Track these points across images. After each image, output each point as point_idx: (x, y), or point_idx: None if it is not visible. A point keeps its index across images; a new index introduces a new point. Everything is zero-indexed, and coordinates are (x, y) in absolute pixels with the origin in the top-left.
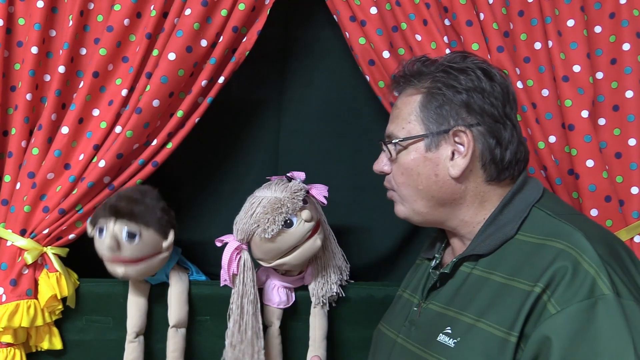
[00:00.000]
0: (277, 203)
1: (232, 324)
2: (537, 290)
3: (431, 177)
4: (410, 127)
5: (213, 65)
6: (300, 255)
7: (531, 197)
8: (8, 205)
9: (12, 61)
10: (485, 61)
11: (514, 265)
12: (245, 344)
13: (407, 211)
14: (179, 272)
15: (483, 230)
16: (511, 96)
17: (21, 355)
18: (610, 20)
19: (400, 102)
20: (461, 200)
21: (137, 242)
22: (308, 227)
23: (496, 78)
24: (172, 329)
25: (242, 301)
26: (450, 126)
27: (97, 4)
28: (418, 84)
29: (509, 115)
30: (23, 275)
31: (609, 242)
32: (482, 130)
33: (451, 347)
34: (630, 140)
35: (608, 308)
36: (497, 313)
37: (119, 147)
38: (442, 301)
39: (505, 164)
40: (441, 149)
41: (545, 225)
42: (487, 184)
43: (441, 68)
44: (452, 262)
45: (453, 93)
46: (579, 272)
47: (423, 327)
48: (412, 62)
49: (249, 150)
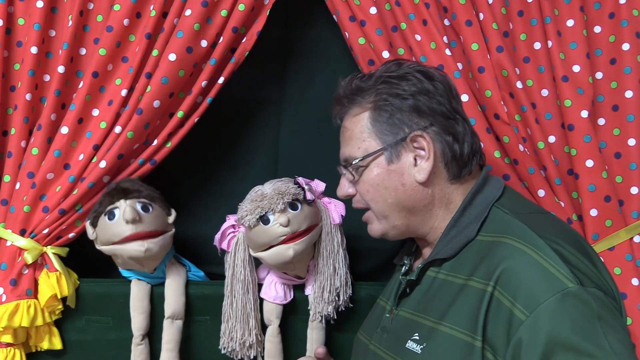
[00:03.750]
0: (260, 197)
1: (224, 300)
2: (489, 289)
3: (399, 188)
4: (366, 144)
5: (213, 66)
6: (272, 256)
7: (490, 197)
8: (8, 205)
9: (11, 61)
10: (420, 63)
11: (473, 265)
12: (234, 321)
13: (382, 228)
14: (176, 265)
15: (446, 234)
16: (453, 91)
17: (21, 355)
18: (609, 20)
19: (348, 123)
20: (430, 206)
21: (152, 212)
22: (281, 231)
23: (435, 77)
24: (168, 320)
25: (232, 280)
26: (406, 133)
27: (96, 4)
28: (362, 101)
29: (457, 109)
30: (23, 275)
31: (567, 237)
32: (437, 129)
33: (418, 354)
34: (629, 140)
35: (576, 299)
36: (455, 314)
37: (120, 147)
38: (412, 307)
39: (465, 159)
40: (403, 158)
41: (501, 224)
42: (451, 184)
43: (381, 80)
44: (418, 267)
45: (400, 100)
46: (537, 270)
47: (394, 333)
48: (349, 80)
49: (249, 150)
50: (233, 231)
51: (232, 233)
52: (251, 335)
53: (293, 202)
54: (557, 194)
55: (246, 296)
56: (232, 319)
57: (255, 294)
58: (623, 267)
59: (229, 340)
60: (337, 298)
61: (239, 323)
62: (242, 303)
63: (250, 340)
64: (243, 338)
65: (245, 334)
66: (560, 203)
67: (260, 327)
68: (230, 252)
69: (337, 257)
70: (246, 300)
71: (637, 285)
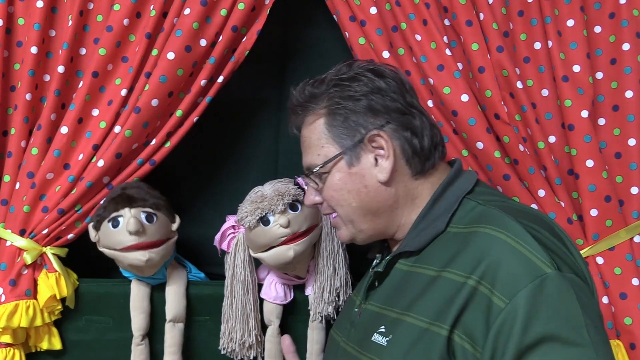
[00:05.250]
0: (260, 198)
1: (224, 300)
2: (471, 282)
3: (362, 190)
4: (325, 150)
5: (212, 65)
6: (272, 257)
7: (462, 189)
8: (7, 205)
9: (11, 61)
10: (371, 61)
11: (446, 257)
12: (234, 321)
13: (349, 233)
14: (177, 268)
15: (415, 227)
16: (407, 85)
17: (20, 356)
18: (610, 20)
19: (305, 131)
20: (395, 205)
21: (156, 222)
22: (281, 232)
23: (386, 74)
24: (169, 323)
25: (232, 281)
26: (363, 134)
27: (96, 4)
28: (316, 107)
29: (412, 104)
30: (22, 276)
31: (541, 221)
32: (394, 126)
33: (384, 346)
34: (630, 140)
35: (554, 284)
36: (423, 305)
37: (118, 146)
38: (379, 301)
39: (426, 152)
40: (363, 160)
41: (473, 214)
42: (415, 180)
43: (332, 83)
44: (386, 260)
45: (353, 102)
46: (515, 256)
47: (361, 327)
48: (301, 88)
49: (249, 150)
50: (233, 232)
51: (232, 234)
52: (251, 335)
53: (293, 203)
54: (557, 194)
55: (246, 297)
56: (231, 319)
57: (255, 294)
58: (623, 267)
59: (228, 341)
60: (337, 298)
61: (239, 324)
62: (242, 304)
63: (250, 341)
64: (243, 339)
65: (245, 335)
66: (561, 203)
67: (260, 327)
68: (230, 252)
69: (337, 257)
70: (246, 300)
71: (637, 285)
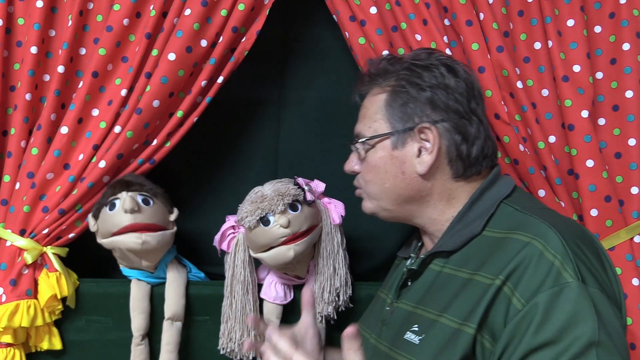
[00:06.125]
0: (260, 198)
1: (224, 300)
2: (498, 282)
3: (398, 175)
4: (376, 125)
5: (213, 65)
6: (272, 257)
7: (500, 194)
8: (7, 205)
9: (11, 61)
10: (450, 57)
11: (479, 260)
12: (234, 321)
13: (373, 207)
14: (177, 267)
15: (451, 227)
16: (476, 91)
17: (21, 356)
18: (610, 20)
19: (367, 101)
20: (428, 198)
21: (152, 206)
22: (281, 233)
23: (460, 74)
24: (167, 321)
25: (232, 281)
26: (415, 123)
27: (96, 3)
28: (383, 83)
29: (475, 111)
30: (23, 275)
31: (579, 233)
32: (448, 126)
33: (416, 344)
34: (630, 140)
35: (573, 293)
36: (456, 307)
37: (119, 147)
38: (413, 300)
39: (472, 160)
40: (407, 147)
41: (511, 220)
42: (454, 181)
43: (405, 65)
44: (421, 258)
45: (417, 90)
46: (542, 263)
47: (393, 326)
48: (379, 60)
49: (249, 150)
50: (233, 232)
51: (232, 234)
52: (250, 336)
53: (293, 203)
54: (557, 194)
55: (246, 297)
56: (231, 319)
57: (255, 295)
58: (623, 267)
59: (227, 341)
60: (337, 298)
61: (238, 324)
62: (242, 304)
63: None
64: (242, 339)
65: (245, 335)
66: (561, 203)
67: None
68: (230, 253)
69: (337, 257)
70: (245, 301)
71: (637, 285)
